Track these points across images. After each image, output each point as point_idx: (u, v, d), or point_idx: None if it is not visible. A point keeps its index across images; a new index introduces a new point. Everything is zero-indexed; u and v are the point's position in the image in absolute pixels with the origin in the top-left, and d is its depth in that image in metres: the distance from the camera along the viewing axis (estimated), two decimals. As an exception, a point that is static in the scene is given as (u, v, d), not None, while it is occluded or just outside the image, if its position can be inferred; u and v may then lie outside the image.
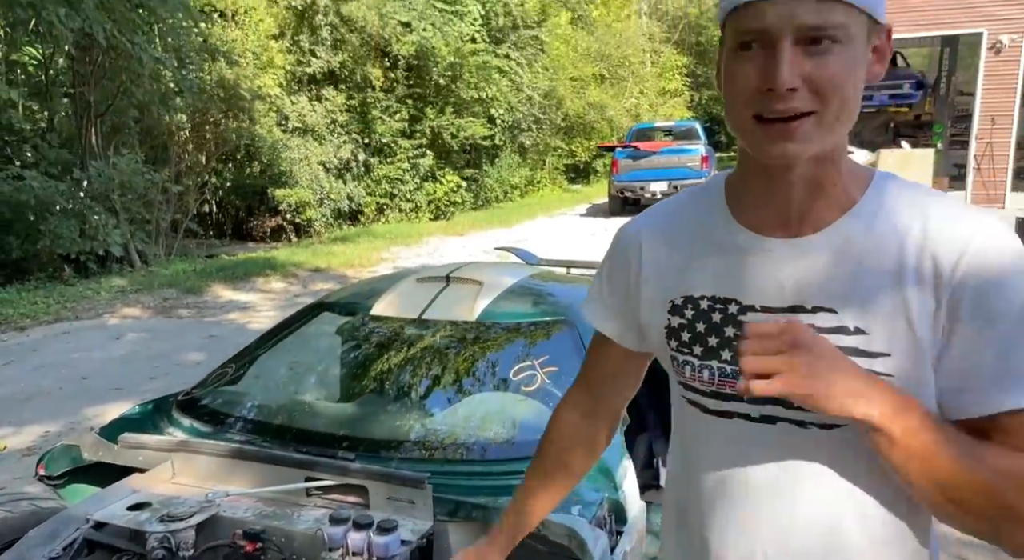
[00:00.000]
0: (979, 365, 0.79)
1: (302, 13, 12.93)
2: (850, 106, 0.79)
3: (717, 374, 0.92)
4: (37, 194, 8.50)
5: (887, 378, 0.81)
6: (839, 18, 0.76)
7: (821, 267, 0.85)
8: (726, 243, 0.92)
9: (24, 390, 4.94)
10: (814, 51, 0.77)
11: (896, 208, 0.85)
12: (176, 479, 2.11)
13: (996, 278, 0.78)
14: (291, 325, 2.67)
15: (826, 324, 0.84)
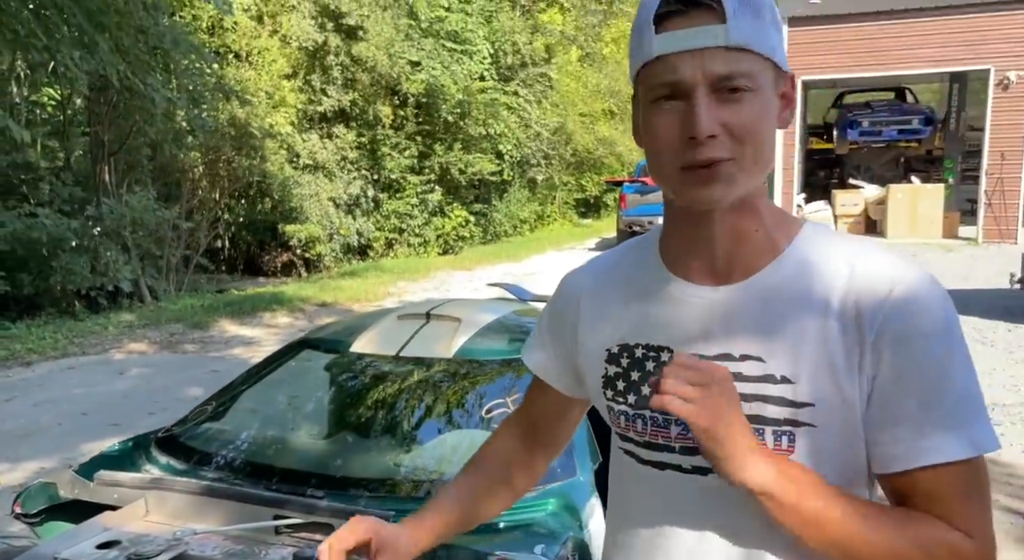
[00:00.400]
0: (901, 415, 0.79)
1: (314, 53, 13.22)
2: (766, 150, 0.82)
3: (650, 424, 0.92)
4: (49, 231, 8.66)
5: (811, 429, 0.82)
6: (747, 67, 0.79)
7: (748, 315, 0.86)
8: (659, 292, 0.94)
9: (24, 426, 4.99)
10: (728, 99, 0.79)
11: (823, 257, 0.86)
12: (149, 517, 2.12)
13: (916, 327, 0.79)
14: (274, 362, 2.70)
15: (753, 373, 0.84)
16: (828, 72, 14.79)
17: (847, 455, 0.84)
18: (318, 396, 2.61)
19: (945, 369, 0.79)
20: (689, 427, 0.78)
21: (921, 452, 0.79)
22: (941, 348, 0.79)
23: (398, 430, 2.30)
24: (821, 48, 14.55)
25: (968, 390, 0.80)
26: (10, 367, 6.85)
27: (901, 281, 0.81)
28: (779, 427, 0.83)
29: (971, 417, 0.79)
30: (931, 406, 0.78)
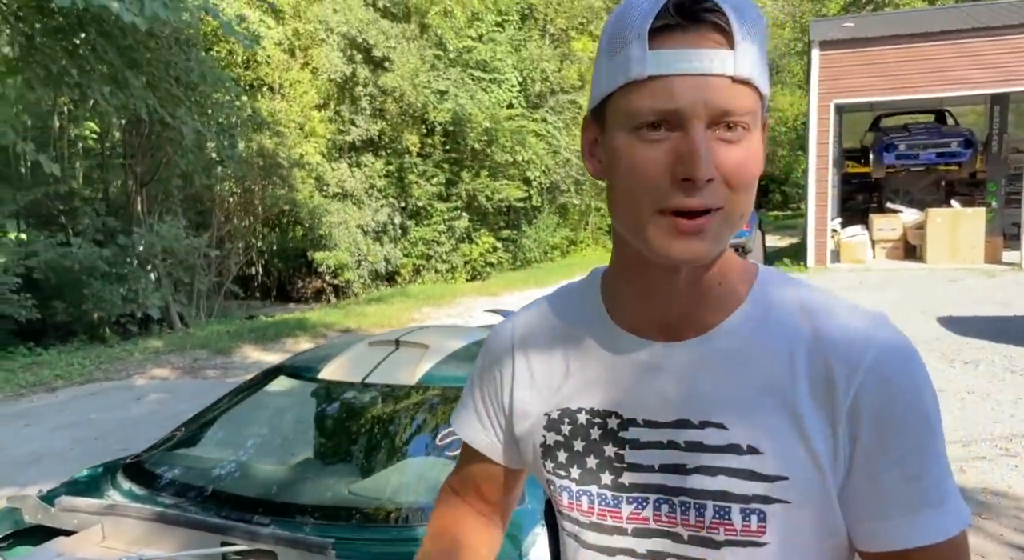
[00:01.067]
0: (887, 490, 0.72)
1: (343, 85, 13.52)
2: (751, 200, 0.72)
3: (597, 502, 0.80)
4: (80, 260, 8.93)
5: (784, 505, 0.72)
6: (748, 103, 0.68)
7: (705, 376, 0.76)
8: (603, 347, 0.82)
9: (37, 450, 5.10)
10: (723, 138, 0.68)
11: (783, 311, 0.77)
12: (106, 542, 2.14)
13: (896, 391, 0.71)
14: (247, 389, 2.72)
15: (715, 442, 0.74)
16: (862, 95, 14.57)
17: (823, 532, 0.74)
18: (281, 423, 2.62)
19: (930, 438, 0.72)
20: None
21: (915, 532, 0.71)
22: (924, 416, 0.72)
23: (352, 457, 2.29)
24: (854, 71, 14.35)
25: (946, 459, 0.74)
26: (36, 392, 7.04)
27: (874, 343, 0.72)
28: (747, 505, 0.73)
29: (954, 488, 0.73)
30: (920, 479, 0.71)
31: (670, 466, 0.76)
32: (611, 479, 0.79)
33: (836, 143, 15.73)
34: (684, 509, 0.75)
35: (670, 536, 0.77)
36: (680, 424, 0.76)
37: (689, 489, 0.75)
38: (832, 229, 15.19)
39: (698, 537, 0.75)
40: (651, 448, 0.77)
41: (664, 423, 0.77)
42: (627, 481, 0.78)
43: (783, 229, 24.78)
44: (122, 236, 10.06)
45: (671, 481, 0.76)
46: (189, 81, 9.03)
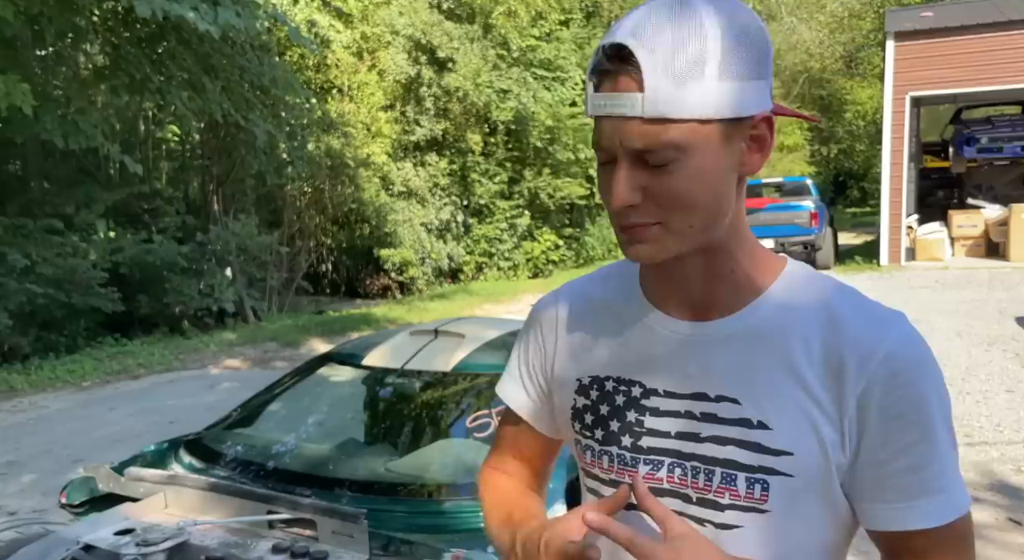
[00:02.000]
0: (890, 477, 0.78)
1: (408, 86, 13.83)
2: (703, 211, 0.77)
3: (617, 461, 0.88)
4: (161, 256, 9.46)
5: (786, 478, 0.79)
6: (670, 137, 0.73)
7: (725, 354, 0.83)
8: (636, 323, 0.89)
9: (118, 433, 5.49)
10: (656, 167, 0.75)
11: (805, 300, 0.83)
12: (167, 509, 2.35)
13: (905, 385, 0.77)
14: (299, 374, 2.91)
15: (728, 415, 0.82)
16: (940, 87, 13.99)
17: (824, 505, 0.81)
18: (327, 405, 2.80)
19: (935, 432, 0.78)
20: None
21: (913, 516, 0.78)
22: (930, 411, 0.78)
23: (389, 437, 2.44)
24: (932, 62, 13.79)
25: (952, 452, 0.80)
26: (120, 380, 7.53)
27: (888, 337, 0.78)
28: (752, 474, 0.80)
29: (955, 479, 0.80)
30: (921, 470, 0.78)
31: (685, 434, 0.84)
32: (631, 442, 0.87)
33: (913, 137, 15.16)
34: (695, 473, 0.83)
35: (680, 497, 0.84)
36: (697, 396, 0.83)
37: (701, 455, 0.82)
38: (908, 226, 14.67)
39: (705, 499, 0.83)
40: (669, 416, 0.85)
41: (683, 395, 0.84)
42: (645, 444, 0.86)
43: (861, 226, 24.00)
44: (200, 234, 10.59)
45: (685, 447, 0.84)
46: (261, 85, 9.44)
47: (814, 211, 13.89)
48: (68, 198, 9.89)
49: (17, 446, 5.29)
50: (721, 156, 0.76)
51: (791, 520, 0.80)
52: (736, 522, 0.81)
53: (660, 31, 0.71)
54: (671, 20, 0.72)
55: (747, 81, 0.74)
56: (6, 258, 7.77)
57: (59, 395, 6.93)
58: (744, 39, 0.73)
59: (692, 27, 0.71)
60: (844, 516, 0.83)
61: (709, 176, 0.76)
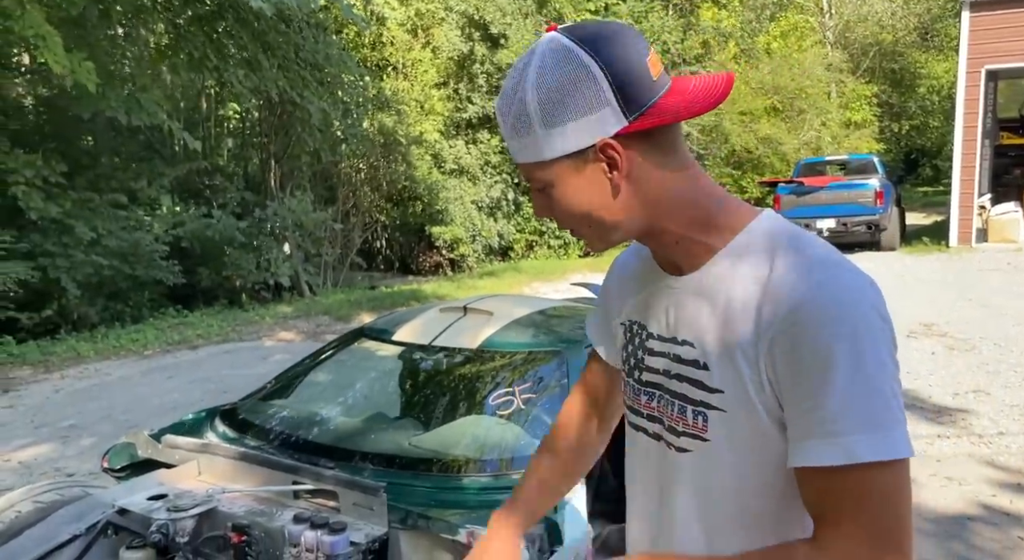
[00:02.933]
0: (795, 418, 0.86)
1: (461, 63, 13.81)
2: (591, 220, 0.96)
3: (630, 391, 1.09)
4: (220, 231, 9.74)
5: (721, 413, 0.92)
6: (533, 174, 0.96)
7: (688, 304, 0.97)
8: (649, 277, 1.06)
9: (176, 400, 5.70)
10: (542, 195, 0.98)
11: (754, 253, 0.92)
12: (201, 476, 2.43)
13: (805, 336, 0.83)
14: (332, 348, 2.96)
15: (687, 356, 0.97)
16: (1018, 60, 13.24)
17: (756, 439, 0.90)
18: (357, 379, 2.84)
19: (833, 380, 0.81)
20: None
21: (797, 453, 0.85)
22: (831, 360, 0.81)
23: (414, 412, 2.47)
24: (1010, 34, 13.04)
25: (854, 400, 0.81)
26: (180, 349, 7.81)
27: (801, 287, 0.85)
28: (696, 407, 0.95)
29: (858, 428, 0.80)
30: (814, 412, 0.83)
31: (664, 371, 1.01)
32: (637, 376, 1.06)
33: (989, 112, 14.41)
34: (666, 404, 1.00)
35: (659, 422, 1.03)
36: (672, 340, 0.99)
37: (670, 390, 1.00)
38: (980, 206, 14.01)
39: (670, 427, 1.00)
40: (657, 356, 1.02)
41: (665, 338, 1.01)
42: (644, 378, 1.05)
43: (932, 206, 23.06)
44: (257, 209, 10.85)
45: (663, 382, 1.01)
46: (316, 62, 9.57)
47: (879, 190, 13.36)
48: (134, 174, 10.26)
49: (80, 411, 5.56)
50: (580, 182, 0.93)
51: (729, 451, 0.92)
52: (687, 447, 0.97)
53: (503, 100, 0.94)
54: (508, 91, 0.93)
55: (569, 123, 0.90)
56: (74, 231, 8.12)
57: (123, 363, 7.24)
58: (557, 93, 0.89)
59: (518, 95, 0.91)
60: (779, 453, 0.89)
61: (581, 197, 0.94)
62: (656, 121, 0.89)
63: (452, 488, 2.06)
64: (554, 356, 2.42)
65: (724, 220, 0.97)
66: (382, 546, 1.95)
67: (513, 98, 0.92)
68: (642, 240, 1.01)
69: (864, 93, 29.98)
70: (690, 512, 0.99)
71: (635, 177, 0.93)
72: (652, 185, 0.94)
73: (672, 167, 0.94)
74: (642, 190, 0.93)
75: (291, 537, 1.98)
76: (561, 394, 2.28)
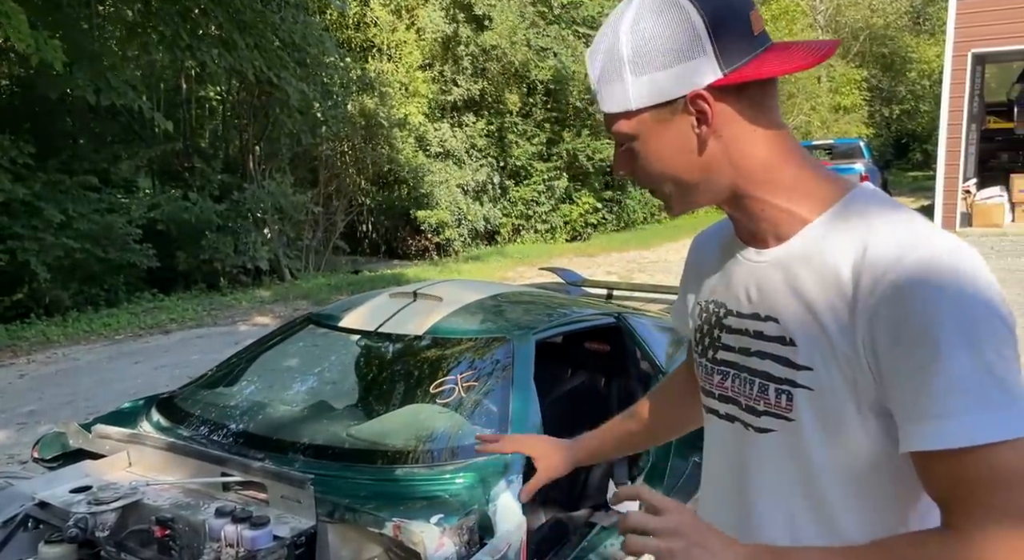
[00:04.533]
0: (896, 401, 0.80)
1: (446, 44, 13.62)
2: (673, 180, 0.93)
3: (703, 371, 1.05)
4: (196, 214, 9.58)
5: (807, 391, 0.87)
6: (618, 127, 0.92)
7: (773, 278, 0.92)
8: (729, 254, 1.01)
9: (139, 385, 5.59)
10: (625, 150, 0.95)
11: (848, 226, 0.87)
12: (131, 468, 2.33)
13: (911, 308, 0.77)
14: (279, 334, 2.86)
15: (771, 333, 0.92)
16: (1005, 43, 13.12)
17: (848, 423, 0.85)
18: (301, 367, 2.75)
19: (941, 355, 0.75)
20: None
21: (912, 436, 0.78)
22: (939, 334, 0.75)
23: (355, 401, 2.38)
24: (998, 16, 12.92)
25: (964, 378, 0.74)
26: (152, 334, 7.70)
27: (905, 258, 0.79)
28: (780, 385, 0.90)
29: (971, 406, 0.74)
30: (921, 390, 0.76)
31: (743, 349, 0.96)
32: (711, 354, 1.02)
33: (976, 96, 14.32)
34: (743, 383, 0.96)
35: (735, 403, 0.98)
36: (754, 316, 0.94)
37: (749, 368, 0.95)
38: (965, 190, 13.96)
39: (748, 406, 0.96)
40: (735, 333, 0.97)
41: (745, 314, 0.96)
42: (719, 357, 1.01)
43: (920, 190, 23.07)
44: (235, 192, 10.68)
45: (741, 360, 0.96)
46: (293, 42, 9.38)
47: (865, 174, 13.42)
48: (110, 156, 10.07)
49: (42, 396, 5.45)
50: (666, 135, 0.89)
51: (815, 432, 0.87)
52: (769, 427, 0.93)
53: (596, 47, 0.92)
54: (601, 34, 0.91)
55: (661, 71, 0.86)
56: (43, 213, 7.95)
57: (92, 348, 7.12)
58: (651, 40, 0.86)
59: (611, 40, 0.89)
60: (878, 439, 0.84)
61: (665, 152, 0.90)
62: (753, 74, 0.86)
63: (385, 480, 1.97)
64: (500, 343, 2.33)
65: (816, 189, 0.92)
66: (309, 540, 1.88)
67: (605, 42, 0.90)
68: (726, 206, 0.96)
69: (854, 77, 29.90)
70: (771, 497, 0.94)
71: (725, 134, 0.89)
72: (741, 144, 0.89)
73: (764, 126, 0.89)
74: (731, 149, 0.89)
75: (212, 532, 1.89)
76: (504, 382, 2.19)
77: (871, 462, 0.86)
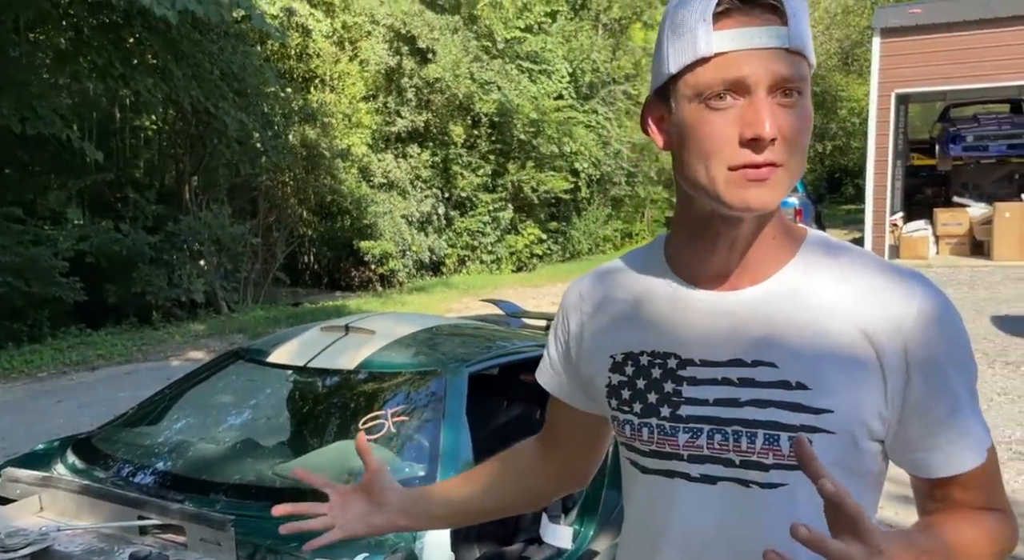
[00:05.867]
0: (934, 426, 0.83)
1: (389, 76, 13.66)
2: (804, 162, 0.83)
3: (656, 432, 0.92)
4: (128, 246, 9.30)
5: (829, 436, 0.83)
6: (803, 71, 0.79)
7: (759, 320, 0.86)
8: (665, 297, 0.93)
9: (61, 426, 5.34)
10: (783, 104, 0.79)
11: (832, 264, 0.87)
12: (42, 513, 2.22)
13: (941, 343, 0.82)
14: (206, 370, 2.77)
15: (766, 378, 0.85)
16: (927, 84, 13.86)
17: (857, 460, 0.86)
18: (227, 404, 2.67)
19: (967, 378, 0.84)
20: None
21: (965, 458, 0.84)
22: (962, 360, 0.83)
23: (281, 439, 2.31)
24: (919, 59, 13.65)
25: (974, 399, 0.86)
26: (78, 371, 7.38)
27: (917, 293, 0.83)
28: (795, 433, 0.83)
29: (978, 422, 0.86)
30: (959, 414, 0.83)
31: (724, 400, 0.87)
32: (669, 412, 0.90)
33: (900, 134, 15.02)
34: (736, 437, 0.86)
35: (721, 461, 0.88)
36: (734, 363, 0.87)
37: (742, 419, 0.85)
38: (892, 223, 14.56)
39: (749, 461, 0.86)
40: (707, 384, 0.88)
41: (719, 362, 0.87)
42: (684, 413, 0.89)
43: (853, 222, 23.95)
44: (171, 223, 10.42)
45: (725, 413, 0.87)
46: (232, 73, 9.28)
47: (798, 208, 13.85)
48: (38, 186, 9.72)
49: (-45, 438, 5.16)
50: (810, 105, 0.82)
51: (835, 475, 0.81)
52: (781, 480, 0.85)
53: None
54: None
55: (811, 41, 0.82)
56: (-38, 246, 7.61)
57: (12, 386, 6.79)
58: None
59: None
60: (876, 473, 0.88)
61: (811, 123, 0.81)
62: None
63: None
64: (433, 376, 2.31)
65: (791, 226, 0.91)
66: (228, 586, 1.80)
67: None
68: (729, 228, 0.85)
69: (788, 115, 31.04)
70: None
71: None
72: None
73: None
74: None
75: (125, 579, 1.81)
76: (435, 416, 2.16)
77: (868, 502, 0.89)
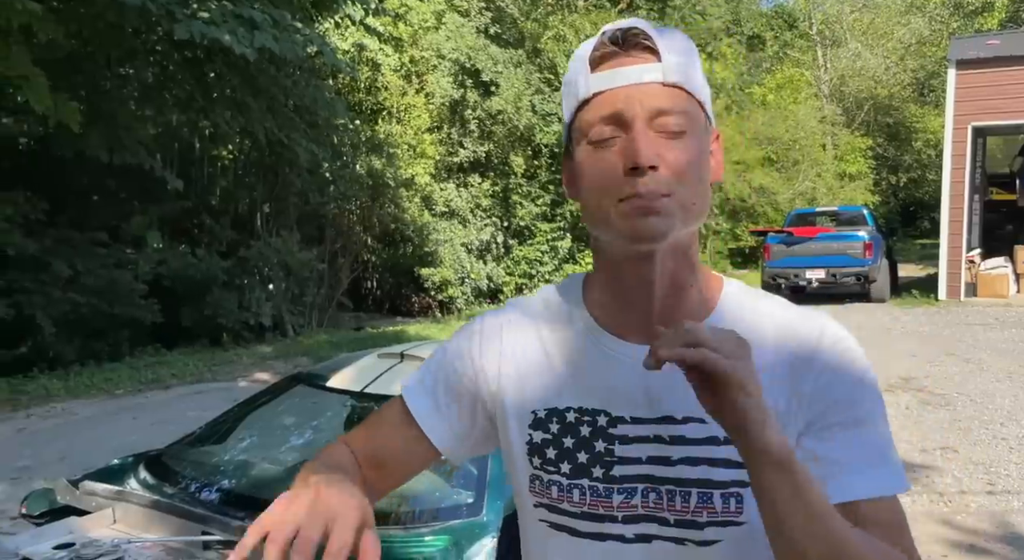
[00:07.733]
0: (839, 455, 0.81)
1: (453, 108, 14.00)
2: (704, 194, 0.81)
3: (589, 494, 0.86)
4: (202, 270, 9.72)
5: None
6: (682, 105, 0.79)
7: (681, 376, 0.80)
8: (590, 351, 0.88)
9: (134, 442, 5.58)
10: (669, 135, 0.79)
11: (750, 312, 0.87)
12: (115, 525, 2.36)
13: (846, 374, 0.83)
14: (268, 393, 2.91)
15: (697, 435, 0.82)
16: (1005, 117, 13.38)
17: None
18: (286, 426, 2.78)
19: (873, 413, 0.83)
20: (721, 384, 0.69)
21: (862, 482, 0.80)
22: (868, 394, 0.83)
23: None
24: (997, 92, 13.21)
25: (889, 435, 0.84)
26: (152, 389, 7.72)
27: (823, 333, 0.84)
28: (727, 490, 0.81)
29: (895, 458, 0.83)
30: (866, 446, 0.81)
31: (657, 458, 0.84)
32: (602, 472, 0.85)
33: (978, 168, 14.52)
34: (671, 496, 0.83)
35: (657, 520, 0.84)
36: (665, 420, 0.83)
37: (675, 478, 0.83)
38: (970, 260, 14.02)
39: (683, 520, 0.83)
40: (639, 443, 0.84)
41: (650, 419, 0.84)
42: (617, 473, 0.85)
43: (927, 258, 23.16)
44: (243, 249, 10.85)
45: (658, 471, 0.83)
46: (304, 105, 9.67)
47: (868, 241, 13.40)
48: (122, 213, 10.28)
49: (38, 452, 5.46)
50: (707, 146, 0.82)
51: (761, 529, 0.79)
52: (716, 537, 0.82)
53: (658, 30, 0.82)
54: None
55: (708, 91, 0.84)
56: (51, 267, 8.09)
57: (91, 403, 7.14)
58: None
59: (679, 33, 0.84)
60: None
61: (704, 159, 0.81)
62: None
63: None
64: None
65: (708, 274, 0.89)
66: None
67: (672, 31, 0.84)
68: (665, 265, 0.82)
69: (859, 145, 30.36)
70: None
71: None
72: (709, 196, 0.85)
73: None
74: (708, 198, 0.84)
75: (188, 591, 1.91)
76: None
77: None
